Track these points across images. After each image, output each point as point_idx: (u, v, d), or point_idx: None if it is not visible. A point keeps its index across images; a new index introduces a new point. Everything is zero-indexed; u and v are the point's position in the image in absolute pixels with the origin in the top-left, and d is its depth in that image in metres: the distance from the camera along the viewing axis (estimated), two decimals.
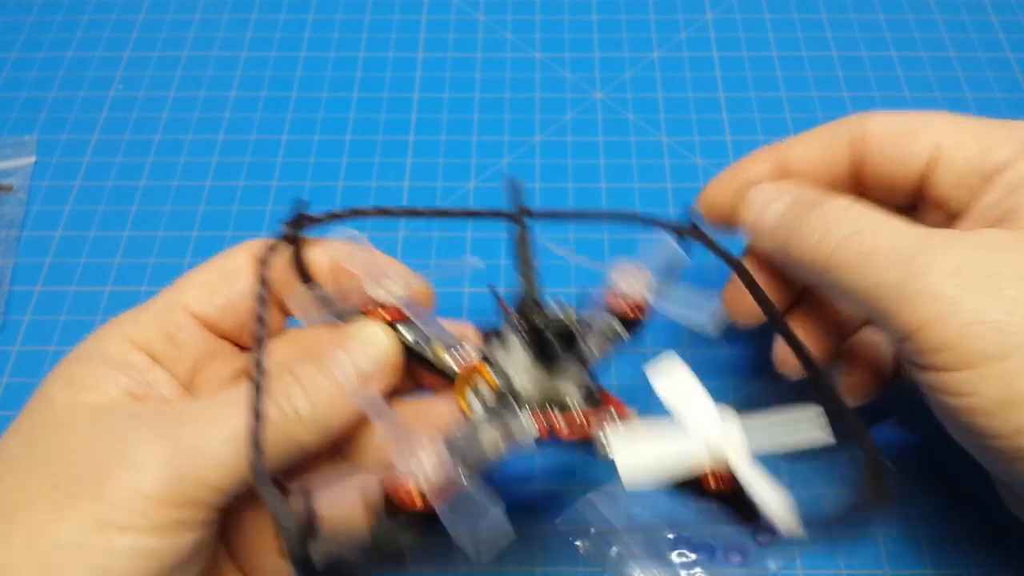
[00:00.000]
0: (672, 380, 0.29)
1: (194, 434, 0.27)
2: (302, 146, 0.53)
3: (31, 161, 0.53)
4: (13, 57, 0.58)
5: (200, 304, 0.32)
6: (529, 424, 0.29)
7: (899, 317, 0.29)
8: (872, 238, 0.30)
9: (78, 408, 0.28)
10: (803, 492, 0.31)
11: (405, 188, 0.51)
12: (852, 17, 0.60)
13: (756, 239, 0.36)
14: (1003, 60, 0.57)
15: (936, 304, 0.28)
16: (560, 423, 0.30)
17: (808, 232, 0.32)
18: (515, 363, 0.31)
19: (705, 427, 0.28)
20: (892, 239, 0.30)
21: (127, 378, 0.30)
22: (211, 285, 0.32)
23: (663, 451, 0.28)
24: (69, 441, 0.27)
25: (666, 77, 0.57)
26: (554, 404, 0.30)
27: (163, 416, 0.28)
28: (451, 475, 0.27)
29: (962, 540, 0.38)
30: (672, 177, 0.52)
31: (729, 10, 0.61)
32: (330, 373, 0.30)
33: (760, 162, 0.37)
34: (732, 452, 0.28)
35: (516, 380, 0.31)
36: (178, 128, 0.54)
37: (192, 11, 0.61)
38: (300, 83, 0.57)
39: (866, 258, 0.30)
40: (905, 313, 0.28)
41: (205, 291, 0.32)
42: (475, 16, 0.61)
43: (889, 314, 0.29)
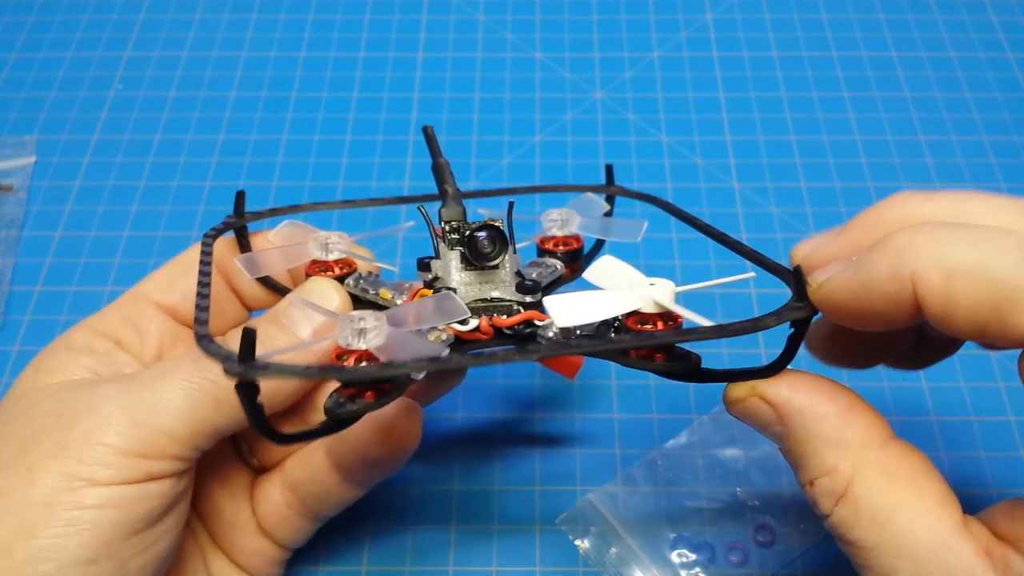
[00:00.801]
0: (605, 266, 0.30)
1: (151, 388, 0.28)
2: (302, 146, 0.53)
3: (31, 161, 0.53)
4: (13, 57, 0.58)
5: (160, 293, 0.33)
6: (463, 308, 0.28)
7: None
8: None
9: (45, 386, 0.30)
10: None
11: (405, 188, 0.51)
12: (852, 17, 0.60)
13: None
14: (1003, 60, 0.57)
15: None
16: (499, 317, 0.30)
17: (816, 499, 0.27)
18: (452, 273, 0.31)
19: (634, 283, 0.28)
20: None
21: (91, 359, 0.31)
22: (171, 277, 0.34)
23: (594, 298, 0.27)
24: (36, 412, 0.28)
25: (666, 77, 0.57)
26: (493, 308, 0.30)
27: (124, 380, 0.29)
28: (393, 339, 0.26)
29: None
30: (672, 177, 0.52)
31: (729, 10, 0.61)
32: (287, 329, 0.31)
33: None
34: (657, 293, 0.27)
35: (458, 290, 0.31)
36: (178, 128, 0.54)
37: (192, 11, 0.61)
38: (300, 83, 0.57)
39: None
40: None
41: (164, 280, 0.34)
42: (475, 16, 0.61)
43: None
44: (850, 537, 0.26)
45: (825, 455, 0.26)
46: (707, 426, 0.42)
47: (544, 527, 0.39)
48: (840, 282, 0.25)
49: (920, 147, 0.53)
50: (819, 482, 0.26)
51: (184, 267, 0.34)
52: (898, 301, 0.24)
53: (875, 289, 0.24)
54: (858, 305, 0.25)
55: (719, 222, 0.49)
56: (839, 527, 0.26)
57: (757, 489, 0.40)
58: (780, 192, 0.51)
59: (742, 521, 0.39)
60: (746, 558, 0.38)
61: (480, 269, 0.31)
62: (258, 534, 0.34)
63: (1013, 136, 0.53)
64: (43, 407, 0.28)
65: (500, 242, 0.31)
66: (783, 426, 0.27)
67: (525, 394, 0.43)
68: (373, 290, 0.33)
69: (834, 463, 0.26)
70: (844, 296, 0.25)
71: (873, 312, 0.25)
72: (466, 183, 0.51)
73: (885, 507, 0.25)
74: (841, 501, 0.26)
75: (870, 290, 0.24)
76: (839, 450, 0.26)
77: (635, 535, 0.38)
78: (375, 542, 0.39)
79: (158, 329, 0.33)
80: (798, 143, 0.53)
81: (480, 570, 0.38)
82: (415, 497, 0.40)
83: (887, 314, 0.25)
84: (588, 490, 0.40)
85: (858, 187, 0.51)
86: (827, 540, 0.38)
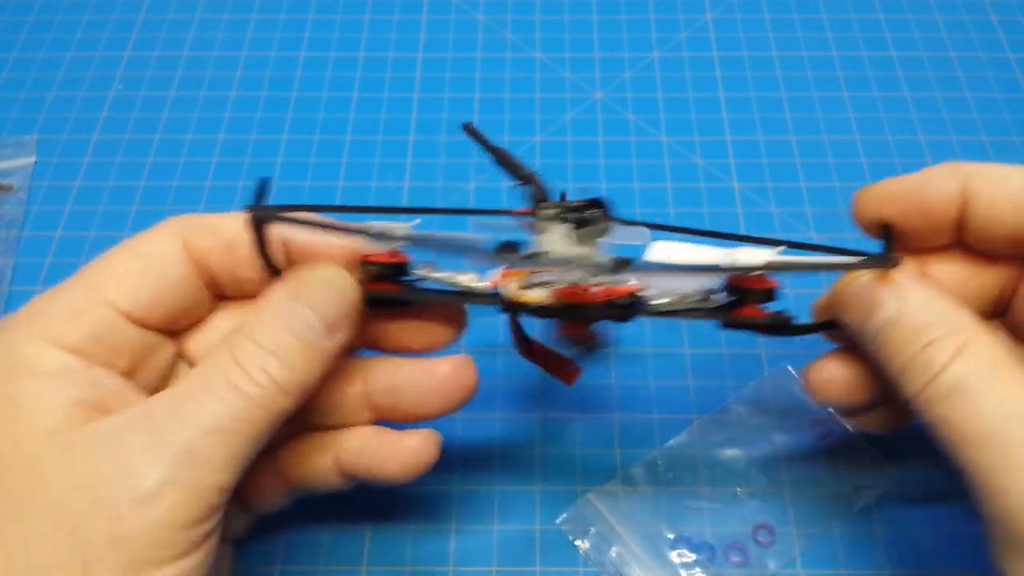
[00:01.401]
0: (666, 247, 0.32)
1: (186, 442, 0.26)
2: (302, 146, 0.53)
3: (31, 161, 0.53)
4: (13, 57, 0.58)
5: (126, 300, 0.30)
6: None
7: (991, 500, 0.27)
8: (980, 414, 0.27)
9: (37, 438, 0.26)
10: None
11: (405, 188, 0.51)
12: (852, 17, 0.60)
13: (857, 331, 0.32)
14: (1003, 60, 0.57)
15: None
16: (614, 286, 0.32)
17: (909, 374, 0.29)
18: (556, 246, 0.31)
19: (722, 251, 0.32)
20: (998, 421, 0.27)
21: (70, 387, 0.27)
22: (134, 277, 0.30)
23: (695, 249, 0.32)
24: (52, 481, 0.26)
25: (666, 77, 0.57)
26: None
27: (142, 430, 0.26)
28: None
29: (962, 540, 0.38)
30: (672, 177, 0.52)
31: (729, 10, 0.61)
32: (297, 331, 0.29)
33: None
34: (743, 255, 0.32)
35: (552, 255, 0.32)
36: (178, 128, 0.54)
37: (192, 11, 0.61)
38: (300, 83, 0.57)
39: (973, 435, 0.27)
40: (998, 499, 0.27)
41: (129, 284, 0.30)
42: (475, 16, 0.61)
43: (983, 491, 0.27)
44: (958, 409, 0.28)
45: (943, 326, 0.29)
46: (707, 426, 0.42)
47: (544, 527, 0.39)
48: (897, 180, 0.32)
49: (920, 147, 0.53)
50: (928, 349, 0.28)
51: (145, 263, 0.30)
52: (947, 201, 0.31)
53: (931, 185, 0.31)
54: (912, 201, 0.31)
55: (719, 222, 0.50)
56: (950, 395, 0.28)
57: (757, 489, 0.40)
58: (780, 192, 0.51)
59: (742, 521, 0.39)
60: (746, 558, 0.38)
61: (583, 241, 0.31)
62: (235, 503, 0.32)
63: (1013, 136, 0.53)
64: (56, 475, 0.25)
65: (607, 213, 0.32)
66: (903, 301, 0.30)
67: (525, 394, 0.43)
68: (447, 276, 0.32)
69: (947, 334, 0.29)
70: (900, 188, 0.32)
71: (924, 208, 0.31)
72: (466, 183, 0.51)
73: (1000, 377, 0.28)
74: (957, 357, 0.28)
75: (927, 185, 0.31)
76: (951, 324, 0.29)
77: (635, 535, 0.38)
78: (375, 542, 0.39)
79: (128, 342, 0.30)
80: (798, 143, 0.53)
81: (480, 570, 0.38)
82: (415, 497, 0.40)
83: (937, 211, 0.31)
84: (588, 490, 0.40)
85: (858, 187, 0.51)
86: (826, 540, 0.38)
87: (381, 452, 0.32)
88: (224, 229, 0.31)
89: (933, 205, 0.31)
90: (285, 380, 0.28)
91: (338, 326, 0.30)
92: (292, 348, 0.29)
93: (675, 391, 0.43)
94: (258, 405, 0.28)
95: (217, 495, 0.27)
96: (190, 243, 0.31)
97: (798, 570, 0.38)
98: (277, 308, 0.29)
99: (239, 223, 0.31)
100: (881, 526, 0.39)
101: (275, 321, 0.29)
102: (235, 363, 0.28)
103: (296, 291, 0.30)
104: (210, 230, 0.31)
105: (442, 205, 0.51)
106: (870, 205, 0.33)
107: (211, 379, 0.28)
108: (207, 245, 0.31)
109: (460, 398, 0.33)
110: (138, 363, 0.30)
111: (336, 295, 0.30)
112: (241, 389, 0.27)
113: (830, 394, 0.34)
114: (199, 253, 0.31)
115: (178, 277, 0.31)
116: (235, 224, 0.31)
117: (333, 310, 0.30)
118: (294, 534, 0.39)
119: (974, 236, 0.32)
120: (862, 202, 0.33)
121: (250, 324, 0.29)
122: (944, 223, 0.32)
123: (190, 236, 0.31)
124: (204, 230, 0.31)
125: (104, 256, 0.31)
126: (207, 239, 0.31)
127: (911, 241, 0.33)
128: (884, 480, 0.40)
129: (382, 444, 0.32)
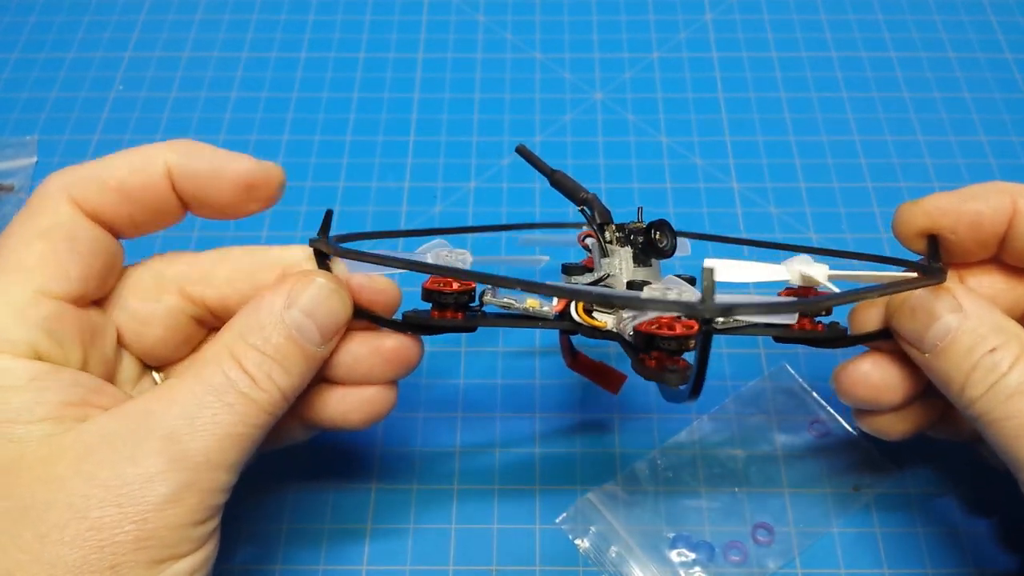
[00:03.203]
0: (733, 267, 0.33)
1: (204, 450, 0.27)
2: (303, 146, 0.54)
3: (32, 161, 0.53)
4: (14, 58, 0.58)
5: (57, 285, 0.29)
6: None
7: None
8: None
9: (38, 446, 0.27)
10: None
11: (405, 188, 0.51)
12: (851, 18, 0.60)
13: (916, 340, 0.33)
14: (1002, 61, 0.57)
15: None
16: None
17: (973, 379, 0.31)
18: (624, 270, 0.34)
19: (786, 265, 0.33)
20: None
21: (47, 392, 0.28)
22: (54, 258, 0.29)
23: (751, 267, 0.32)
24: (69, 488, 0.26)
25: (666, 78, 0.57)
26: None
27: (158, 436, 0.27)
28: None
29: (962, 539, 0.38)
30: (672, 177, 0.52)
31: (728, 11, 0.61)
32: (298, 340, 0.30)
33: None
34: (812, 269, 0.32)
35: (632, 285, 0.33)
36: (178, 129, 0.54)
37: (193, 12, 0.61)
38: (300, 84, 0.57)
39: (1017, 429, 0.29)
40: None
41: (54, 268, 0.29)
42: (475, 17, 0.61)
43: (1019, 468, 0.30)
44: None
45: (1005, 334, 0.31)
46: (707, 426, 0.42)
47: (544, 527, 0.39)
48: (945, 195, 0.32)
49: (919, 147, 0.53)
50: (994, 353, 0.30)
51: (56, 241, 0.29)
52: (999, 217, 0.32)
53: (984, 200, 0.32)
54: (965, 214, 0.32)
55: (719, 222, 0.50)
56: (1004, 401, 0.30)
57: (756, 489, 0.40)
58: (780, 192, 0.51)
59: (741, 520, 0.39)
60: (745, 557, 0.38)
61: (649, 265, 0.34)
62: None
63: (1012, 136, 0.53)
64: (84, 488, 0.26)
65: (672, 236, 0.34)
66: (964, 311, 0.31)
67: (526, 394, 0.43)
68: (517, 302, 0.33)
69: (1008, 340, 0.30)
70: (951, 202, 0.32)
71: (975, 222, 0.32)
72: (466, 183, 0.52)
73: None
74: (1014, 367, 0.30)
75: (980, 200, 0.32)
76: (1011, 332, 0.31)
77: (635, 534, 0.38)
78: (375, 542, 0.39)
79: (75, 328, 0.29)
80: (797, 144, 0.53)
81: (480, 570, 0.38)
82: (415, 497, 0.40)
83: (988, 226, 0.32)
84: (588, 490, 0.40)
85: (857, 187, 0.51)
86: (825, 539, 0.38)
87: (343, 404, 0.34)
88: (109, 179, 0.30)
89: (985, 220, 0.32)
90: (287, 386, 0.30)
91: (333, 336, 0.32)
92: (294, 356, 0.30)
93: None
94: (264, 410, 0.29)
95: (225, 495, 0.29)
96: (80, 201, 0.30)
97: (797, 569, 0.38)
98: (277, 315, 0.30)
99: (124, 168, 0.30)
100: (880, 526, 0.39)
101: (277, 329, 0.30)
102: (242, 370, 0.29)
103: (293, 299, 0.30)
104: (96, 182, 0.30)
105: (442, 205, 0.51)
106: (917, 218, 0.33)
107: (218, 383, 0.29)
108: (96, 199, 0.30)
109: (405, 367, 0.34)
110: (88, 352, 0.30)
111: (333, 306, 0.31)
112: (250, 396, 0.29)
113: (861, 394, 0.34)
114: (92, 209, 0.30)
115: (89, 240, 0.30)
116: (118, 171, 0.30)
117: (330, 321, 0.31)
118: (302, 494, 0.40)
119: (1017, 253, 0.33)
120: (908, 215, 0.33)
121: (251, 329, 0.30)
122: (992, 238, 0.33)
123: (78, 193, 0.30)
124: (90, 184, 0.30)
125: (6, 248, 0.29)
126: (95, 193, 0.30)
127: (953, 255, 0.33)
128: (883, 480, 0.40)
129: (344, 395, 0.34)
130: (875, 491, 0.40)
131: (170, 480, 0.27)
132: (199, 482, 0.27)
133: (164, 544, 0.26)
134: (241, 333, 0.30)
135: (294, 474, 0.40)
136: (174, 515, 0.27)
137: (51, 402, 0.27)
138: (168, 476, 0.27)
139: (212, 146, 0.32)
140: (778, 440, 0.41)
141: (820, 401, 0.42)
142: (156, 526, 0.26)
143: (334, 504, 0.40)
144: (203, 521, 0.28)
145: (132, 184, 0.30)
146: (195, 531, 0.27)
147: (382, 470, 0.41)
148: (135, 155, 0.31)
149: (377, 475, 0.41)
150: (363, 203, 0.51)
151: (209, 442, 0.27)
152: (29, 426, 0.27)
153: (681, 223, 0.49)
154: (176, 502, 0.27)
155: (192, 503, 0.27)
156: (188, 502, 0.27)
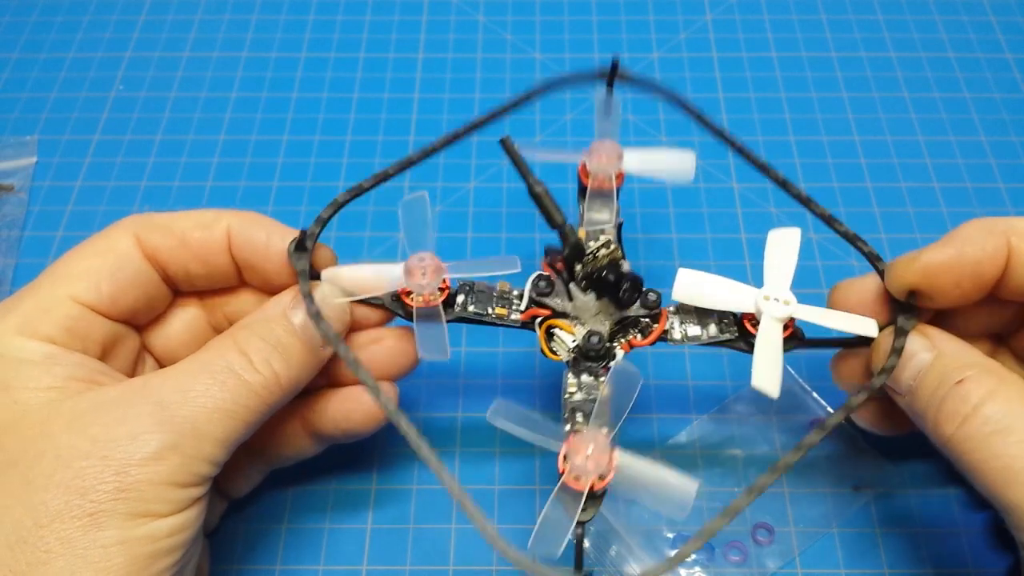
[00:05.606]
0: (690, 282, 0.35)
1: (190, 417, 0.29)
2: (303, 147, 0.54)
3: (32, 162, 0.53)
4: (14, 58, 0.58)
5: (88, 295, 0.32)
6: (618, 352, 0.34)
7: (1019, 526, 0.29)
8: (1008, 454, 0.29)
9: (39, 409, 0.29)
10: None
11: (405, 188, 0.51)
12: (851, 18, 0.60)
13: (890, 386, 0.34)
14: (1002, 61, 0.57)
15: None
16: (636, 337, 0.35)
17: (944, 412, 0.31)
18: (587, 311, 0.35)
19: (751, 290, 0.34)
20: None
21: (58, 367, 0.30)
22: (95, 274, 0.32)
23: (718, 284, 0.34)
24: (59, 441, 0.28)
25: (665, 78, 0.57)
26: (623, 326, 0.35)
27: (149, 402, 0.29)
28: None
29: (962, 539, 0.39)
30: None
31: (728, 11, 0.61)
32: (301, 335, 0.32)
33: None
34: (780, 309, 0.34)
35: (588, 323, 0.35)
36: (179, 129, 0.55)
37: (193, 12, 0.61)
38: (301, 84, 0.57)
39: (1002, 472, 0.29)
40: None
41: (91, 281, 0.32)
42: (475, 17, 0.61)
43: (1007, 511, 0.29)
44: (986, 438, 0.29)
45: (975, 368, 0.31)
46: (707, 426, 0.42)
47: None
48: (937, 251, 0.32)
49: (919, 147, 0.53)
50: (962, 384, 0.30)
51: (104, 260, 0.32)
52: (995, 265, 0.31)
53: (980, 250, 0.31)
54: (963, 268, 0.32)
55: (718, 222, 0.50)
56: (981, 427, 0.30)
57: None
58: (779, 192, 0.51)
59: (741, 520, 0.39)
60: (745, 557, 0.38)
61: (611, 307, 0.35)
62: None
63: (1012, 136, 0.53)
64: (72, 440, 0.28)
65: (637, 288, 0.34)
66: (936, 350, 0.32)
67: (525, 394, 0.43)
68: (487, 308, 0.36)
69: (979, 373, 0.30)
70: (945, 260, 0.32)
71: (976, 275, 0.32)
72: (466, 183, 0.52)
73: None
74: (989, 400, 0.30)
75: (974, 251, 0.31)
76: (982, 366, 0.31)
77: (635, 534, 0.38)
78: (375, 541, 0.39)
79: (96, 332, 0.32)
80: (797, 144, 0.53)
81: (480, 570, 0.38)
82: (415, 496, 0.40)
83: (987, 276, 0.32)
84: None
85: (857, 187, 0.51)
86: (825, 539, 0.38)
87: (346, 404, 0.35)
88: (175, 228, 0.34)
89: (985, 269, 0.32)
90: (284, 374, 0.31)
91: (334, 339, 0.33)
92: (294, 348, 0.32)
93: (675, 391, 0.43)
94: (256, 393, 0.30)
95: (209, 467, 0.29)
96: (142, 239, 0.33)
97: (797, 569, 0.38)
98: (282, 311, 0.33)
99: (190, 222, 0.34)
100: (880, 526, 0.39)
101: (281, 322, 0.32)
102: (240, 353, 0.31)
103: (300, 298, 0.32)
104: (162, 228, 0.34)
105: (442, 205, 0.51)
106: (916, 277, 0.32)
107: (215, 364, 0.30)
108: (158, 241, 0.33)
109: (406, 365, 0.36)
110: (108, 352, 0.33)
111: (336, 307, 0.34)
112: (243, 377, 0.30)
113: (858, 380, 0.36)
114: (151, 249, 0.33)
115: (135, 271, 0.33)
116: (185, 223, 0.34)
117: (334, 318, 0.33)
118: (302, 494, 0.40)
119: (1013, 290, 0.33)
120: (902, 274, 0.33)
121: (257, 322, 0.32)
122: (991, 282, 0.33)
123: (142, 233, 0.33)
124: (156, 228, 0.33)
125: (64, 257, 0.33)
126: (159, 236, 0.33)
127: (948, 301, 0.33)
128: (883, 480, 0.40)
129: (346, 397, 0.35)
130: (875, 491, 0.40)
131: (154, 439, 0.28)
132: (183, 446, 0.28)
133: (143, 499, 0.27)
134: (246, 324, 0.32)
135: (294, 474, 0.40)
136: (155, 472, 0.28)
137: (58, 375, 0.29)
138: (153, 435, 0.28)
139: (275, 221, 0.35)
140: (778, 440, 0.41)
141: (820, 401, 0.42)
142: (137, 479, 0.27)
143: (334, 504, 0.40)
144: (184, 485, 0.28)
145: (193, 236, 0.34)
146: (175, 493, 0.28)
147: (382, 470, 0.41)
148: (204, 214, 0.34)
149: (377, 475, 0.41)
150: (363, 203, 0.51)
151: (197, 412, 0.29)
152: (36, 392, 0.29)
153: (681, 223, 0.50)
154: (158, 459, 0.28)
155: (174, 463, 0.28)
156: (170, 461, 0.28)
